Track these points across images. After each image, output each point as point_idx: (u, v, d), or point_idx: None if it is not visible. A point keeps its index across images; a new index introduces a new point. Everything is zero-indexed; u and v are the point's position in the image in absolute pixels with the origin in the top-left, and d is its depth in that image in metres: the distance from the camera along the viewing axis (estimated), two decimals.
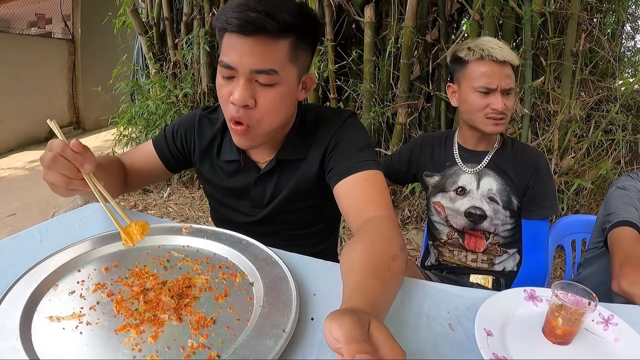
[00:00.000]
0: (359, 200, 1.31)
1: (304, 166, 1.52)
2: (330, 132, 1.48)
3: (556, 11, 3.64)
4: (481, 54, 1.82)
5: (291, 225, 1.64)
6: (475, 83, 1.84)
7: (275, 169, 1.53)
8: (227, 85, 1.28)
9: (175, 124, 1.67)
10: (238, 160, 1.55)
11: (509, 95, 1.83)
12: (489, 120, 1.84)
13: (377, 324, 0.70)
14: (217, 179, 1.64)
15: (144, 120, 5.08)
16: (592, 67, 3.95)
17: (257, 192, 1.58)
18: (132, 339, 0.92)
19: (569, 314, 0.98)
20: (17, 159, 7.58)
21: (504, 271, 2.04)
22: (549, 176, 1.94)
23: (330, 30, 4.03)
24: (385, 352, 0.65)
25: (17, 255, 1.25)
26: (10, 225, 4.66)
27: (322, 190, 1.53)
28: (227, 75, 1.26)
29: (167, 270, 1.18)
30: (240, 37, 1.21)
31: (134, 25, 5.20)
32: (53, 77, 9.21)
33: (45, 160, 1.11)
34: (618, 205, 1.72)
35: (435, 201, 2.08)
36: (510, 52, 1.80)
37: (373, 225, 1.17)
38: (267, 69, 1.23)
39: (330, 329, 0.68)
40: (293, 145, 1.51)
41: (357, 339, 0.64)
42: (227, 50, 1.24)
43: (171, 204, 4.84)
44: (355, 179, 1.35)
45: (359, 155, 1.40)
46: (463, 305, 1.10)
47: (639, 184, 1.78)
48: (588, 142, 3.78)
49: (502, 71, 1.80)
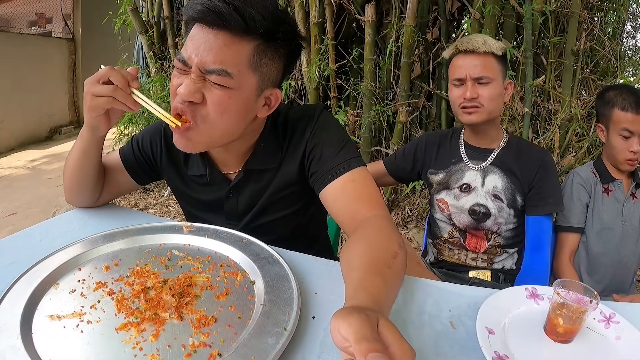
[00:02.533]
0: (349, 203, 1.27)
1: (280, 174, 1.44)
2: (305, 135, 1.39)
3: (557, 10, 3.65)
4: (455, 50, 1.90)
5: (273, 235, 1.45)
6: (450, 77, 1.93)
7: (246, 180, 1.46)
8: (178, 78, 1.19)
9: (141, 134, 1.59)
10: (205, 175, 1.47)
11: (484, 84, 1.84)
12: (462, 110, 1.89)
13: (386, 322, 0.69)
14: (189, 192, 1.56)
15: (145, 119, 5.07)
16: (592, 66, 3.96)
17: (230, 205, 1.51)
18: (133, 337, 0.91)
19: (570, 312, 0.98)
20: (18, 158, 7.58)
21: (503, 269, 2.04)
22: (554, 173, 1.94)
23: (330, 29, 4.05)
24: (395, 350, 0.65)
25: (17, 254, 1.25)
26: (11, 224, 4.66)
27: (303, 196, 1.49)
28: (180, 67, 1.19)
29: (168, 269, 1.18)
30: (202, 29, 1.14)
31: (135, 24, 5.22)
32: (53, 76, 9.22)
33: (98, 74, 1.21)
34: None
35: (439, 198, 2.08)
36: (479, 42, 1.84)
37: (369, 225, 1.15)
38: (219, 69, 1.13)
39: (338, 328, 0.67)
40: (263, 154, 1.42)
41: (368, 338, 0.64)
42: (187, 44, 1.17)
43: (172, 202, 4.84)
44: (341, 182, 1.29)
45: (340, 155, 1.33)
46: (465, 303, 1.10)
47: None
48: (589, 141, 3.78)
49: (472, 61, 1.85)
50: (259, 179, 1.46)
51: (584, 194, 2.08)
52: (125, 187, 1.64)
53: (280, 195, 1.47)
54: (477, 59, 1.84)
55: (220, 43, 1.13)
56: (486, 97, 1.84)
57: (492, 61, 1.85)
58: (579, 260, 2.11)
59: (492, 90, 1.84)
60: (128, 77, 1.21)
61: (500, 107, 1.94)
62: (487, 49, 1.83)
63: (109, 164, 1.56)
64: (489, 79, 1.83)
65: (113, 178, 1.57)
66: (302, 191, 1.46)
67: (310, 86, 4.23)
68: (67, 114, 9.61)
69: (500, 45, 1.85)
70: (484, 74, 1.83)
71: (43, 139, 8.90)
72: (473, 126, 1.96)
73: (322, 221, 1.78)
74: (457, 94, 1.89)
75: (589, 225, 2.08)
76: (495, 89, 1.85)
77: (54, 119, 9.26)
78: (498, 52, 1.84)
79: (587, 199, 2.08)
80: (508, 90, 1.94)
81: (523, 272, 1.97)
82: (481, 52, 1.83)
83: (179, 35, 5.12)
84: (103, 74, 1.20)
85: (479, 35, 1.90)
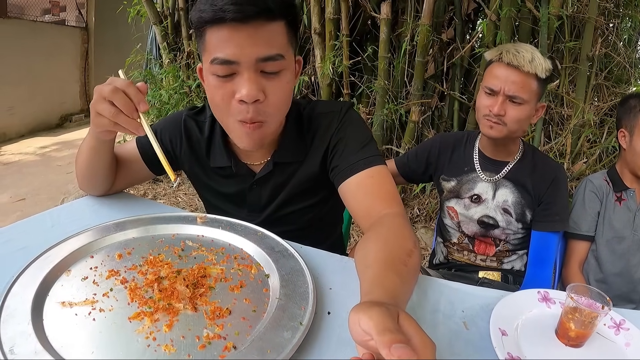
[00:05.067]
0: (366, 198, 1.28)
1: (303, 168, 1.46)
2: (330, 129, 1.42)
3: (573, 14, 3.63)
4: (498, 55, 1.80)
5: (292, 225, 1.54)
6: (484, 82, 1.85)
7: (271, 173, 1.46)
8: (226, 85, 1.18)
9: (159, 126, 1.57)
10: (230, 166, 1.48)
11: (516, 104, 1.77)
12: (486, 121, 1.83)
13: (406, 316, 0.69)
14: (211, 183, 1.57)
15: (156, 109, 5.09)
16: (607, 73, 3.93)
17: (253, 197, 1.52)
18: (147, 327, 0.91)
19: (582, 316, 0.98)
20: (28, 144, 7.59)
21: (512, 270, 2.04)
22: (565, 190, 1.92)
23: (345, 26, 4.03)
24: (417, 342, 0.65)
25: (28, 239, 1.25)
26: (20, 210, 4.68)
27: (323, 188, 1.50)
28: (226, 72, 1.16)
29: (182, 259, 1.18)
30: (234, 27, 1.11)
31: (149, 14, 5.21)
32: (65, 65, 9.23)
33: (104, 90, 1.11)
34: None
35: (449, 206, 2.07)
36: (526, 59, 1.73)
37: (385, 223, 1.15)
38: (275, 54, 1.15)
39: (358, 321, 0.67)
40: (290, 147, 1.44)
41: (391, 329, 0.63)
42: (219, 45, 1.14)
43: (181, 194, 4.84)
44: (361, 177, 1.31)
45: (362, 152, 1.35)
46: (477, 305, 1.10)
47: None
48: (600, 148, 3.76)
49: (511, 76, 1.74)
50: (283, 171, 1.47)
51: (595, 202, 2.07)
52: (141, 176, 1.63)
53: (301, 188, 1.49)
54: (517, 76, 1.74)
55: (263, 32, 1.13)
56: (513, 118, 1.77)
57: (533, 82, 1.75)
58: (588, 269, 2.09)
59: (521, 112, 1.77)
60: (136, 98, 1.13)
61: (525, 128, 1.89)
62: (532, 69, 1.72)
63: (125, 154, 1.55)
64: (522, 100, 1.76)
65: (128, 167, 1.56)
66: (322, 184, 1.47)
67: (323, 82, 4.22)
68: (78, 102, 9.62)
69: (547, 66, 1.76)
70: (519, 94, 1.75)
71: (54, 127, 8.90)
72: (491, 139, 1.90)
73: (339, 216, 1.80)
74: (485, 103, 1.82)
75: (599, 233, 2.06)
76: (525, 112, 1.78)
77: (65, 107, 9.26)
78: (542, 74, 1.75)
79: (598, 207, 2.07)
80: (539, 113, 1.87)
81: (525, 286, 1.94)
82: (525, 71, 1.73)
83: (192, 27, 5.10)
84: (109, 93, 1.11)
85: (528, 48, 1.77)
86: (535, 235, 1.93)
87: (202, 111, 1.54)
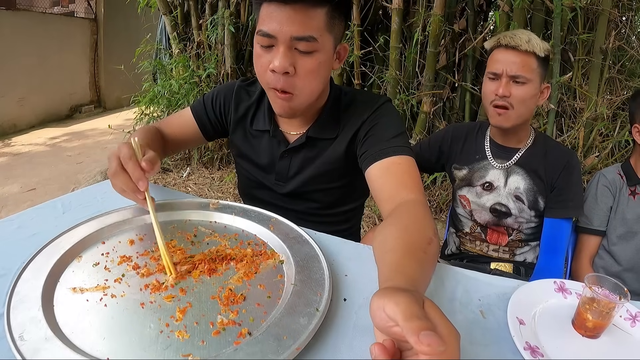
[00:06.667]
0: (391, 183, 1.31)
1: (333, 147, 1.53)
2: (363, 115, 1.49)
3: (587, 6, 3.58)
4: (496, 42, 1.84)
5: (315, 203, 1.65)
6: (487, 69, 1.87)
7: (303, 145, 1.55)
8: (265, 55, 1.29)
9: (214, 92, 1.70)
10: (268, 131, 1.58)
11: (520, 84, 1.79)
12: (493, 109, 1.84)
13: (431, 303, 0.68)
14: (247, 148, 1.66)
15: (166, 99, 5.10)
16: (620, 66, 3.88)
17: (282, 165, 1.60)
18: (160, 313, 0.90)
19: (600, 307, 0.97)
20: (38, 135, 7.64)
21: (525, 262, 2.03)
22: (578, 176, 1.91)
23: (357, 15, 4.03)
24: (442, 330, 0.63)
25: (39, 226, 1.24)
26: (30, 199, 4.70)
27: (348, 173, 1.56)
28: (266, 44, 1.28)
29: (195, 245, 1.17)
30: (279, 5, 1.23)
31: (158, 4, 5.20)
32: (75, 56, 9.29)
33: (108, 171, 1.20)
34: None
35: (462, 194, 2.06)
36: (523, 39, 1.77)
37: (405, 209, 1.16)
38: (307, 35, 1.24)
39: (382, 307, 0.65)
40: (324, 124, 1.53)
41: (419, 316, 0.62)
42: (265, 20, 1.25)
43: (190, 183, 4.85)
44: (388, 162, 1.35)
45: (393, 140, 1.40)
46: (494, 293, 1.09)
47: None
48: (613, 142, 3.73)
49: (511, 57, 1.78)
50: (314, 146, 1.56)
51: (608, 197, 2.04)
52: (192, 140, 1.76)
53: (328, 168, 1.56)
54: (517, 56, 1.78)
55: (300, 14, 1.23)
56: (518, 98, 1.79)
57: (533, 61, 1.78)
58: (600, 263, 2.07)
59: (526, 92, 1.79)
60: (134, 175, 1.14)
61: (532, 110, 1.89)
62: (530, 48, 1.76)
63: (178, 121, 1.71)
64: (525, 79, 1.78)
65: (182, 133, 1.70)
66: (347, 170, 1.56)
67: (334, 72, 4.19)
68: (87, 93, 9.68)
69: (544, 46, 1.78)
70: (521, 73, 1.77)
71: (63, 117, 8.96)
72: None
73: (360, 207, 1.85)
74: (490, 88, 1.83)
75: (611, 228, 2.04)
76: (530, 91, 1.80)
77: (75, 98, 9.32)
78: (541, 53, 1.77)
79: (611, 202, 2.04)
80: (544, 94, 1.88)
81: (536, 275, 1.95)
82: (523, 50, 1.76)
83: (202, 17, 5.10)
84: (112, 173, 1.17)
85: (524, 31, 1.82)
86: (548, 222, 1.92)
87: (253, 83, 1.68)
